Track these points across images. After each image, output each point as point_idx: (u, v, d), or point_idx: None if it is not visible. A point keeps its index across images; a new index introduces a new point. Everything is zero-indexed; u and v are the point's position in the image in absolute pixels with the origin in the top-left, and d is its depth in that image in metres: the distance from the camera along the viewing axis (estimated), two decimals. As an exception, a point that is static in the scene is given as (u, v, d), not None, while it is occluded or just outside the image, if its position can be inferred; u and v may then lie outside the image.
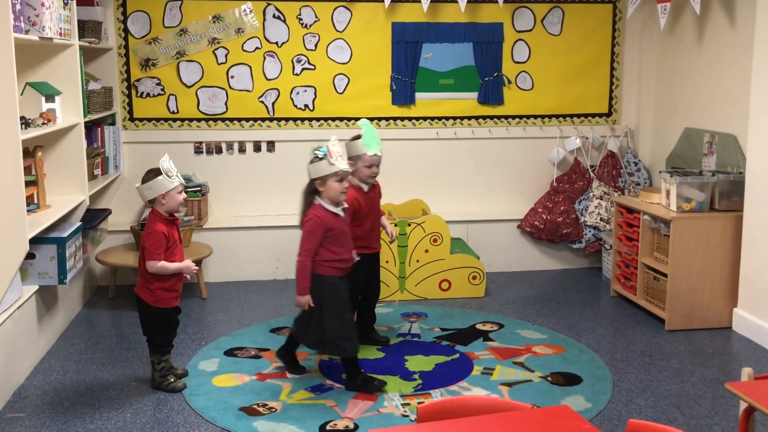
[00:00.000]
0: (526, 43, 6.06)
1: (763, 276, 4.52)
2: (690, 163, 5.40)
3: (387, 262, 5.34)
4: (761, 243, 4.53)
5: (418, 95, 6.00)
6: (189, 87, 5.79)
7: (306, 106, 5.92)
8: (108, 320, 5.04)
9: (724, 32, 5.14)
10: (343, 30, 5.87)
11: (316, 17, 5.82)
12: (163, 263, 3.78)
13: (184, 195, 3.87)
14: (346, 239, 3.89)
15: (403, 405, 3.76)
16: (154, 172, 3.80)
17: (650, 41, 6.06)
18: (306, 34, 5.84)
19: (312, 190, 3.85)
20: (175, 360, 4.17)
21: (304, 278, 3.79)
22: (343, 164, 3.78)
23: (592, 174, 6.10)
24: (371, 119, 5.96)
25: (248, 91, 5.84)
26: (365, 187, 4.27)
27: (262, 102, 5.87)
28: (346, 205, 3.92)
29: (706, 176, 4.87)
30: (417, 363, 4.27)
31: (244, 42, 5.79)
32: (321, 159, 3.77)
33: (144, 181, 3.81)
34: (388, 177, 6.04)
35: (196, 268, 3.93)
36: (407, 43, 5.90)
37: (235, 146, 5.91)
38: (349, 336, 3.84)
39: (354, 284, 4.05)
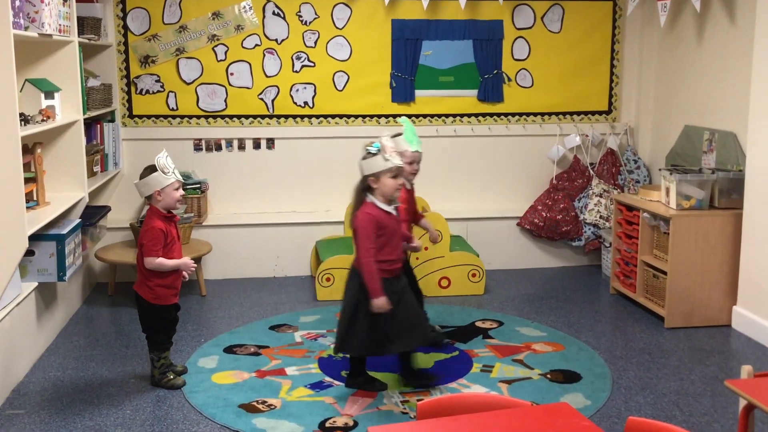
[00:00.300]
0: (526, 41, 6.05)
1: (763, 274, 4.52)
2: (690, 161, 5.40)
3: (386, 259, 5.34)
4: (761, 241, 4.53)
5: (418, 92, 6.00)
6: (188, 84, 5.79)
7: (306, 103, 5.91)
8: (107, 317, 5.03)
9: (724, 30, 5.13)
10: (343, 27, 5.86)
11: (316, 14, 5.82)
12: (161, 260, 3.77)
13: (181, 192, 3.84)
14: (396, 240, 3.75)
15: (403, 402, 3.76)
16: (150, 169, 3.79)
17: (650, 39, 6.05)
18: (306, 31, 5.83)
19: (364, 188, 3.72)
20: (174, 357, 4.17)
21: (375, 279, 3.61)
22: (397, 160, 3.66)
23: (591, 172, 6.10)
24: (370, 116, 5.98)
25: (248, 88, 5.84)
26: (407, 185, 4.19)
27: (262, 99, 5.86)
28: (399, 204, 3.81)
29: (706, 174, 4.87)
30: (416, 360, 4.26)
31: (244, 39, 5.78)
32: (375, 155, 3.64)
33: (141, 177, 3.81)
34: (388, 174, 6.05)
35: (195, 265, 3.92)
36: (407, 40, 5.90)
37: (235, 143, 5.90)
38: (363, 338, 3.68)
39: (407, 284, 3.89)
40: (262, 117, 5.89)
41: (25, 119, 3.93)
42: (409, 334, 3.74)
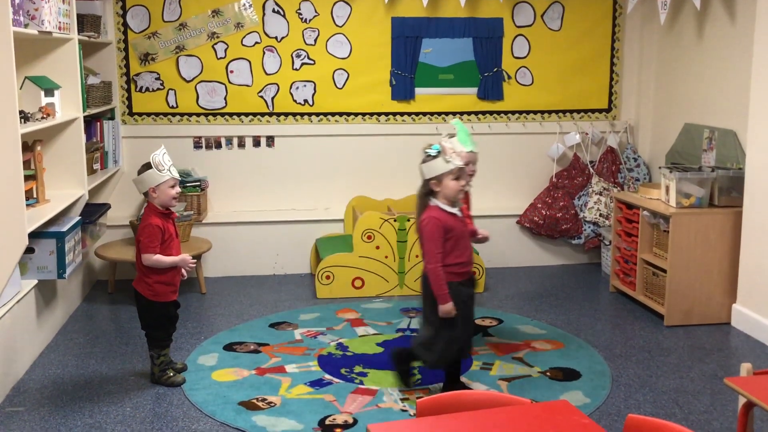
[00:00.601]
0: (526, 39, 6.05)
1: (763, 272, 4.53)
2: (689, 159, 5.40)
3: (386, 257, 5.35)
4: (760, 239, 4.53)
5: (418, 90, 6.00)
6: (188, 82, 5.78)
7: (305, 101, 5.91)
8: (107, 315, 5.04)
9: (724, 28, 5.13)
10: (343, 25, 5.86)
11: (316, 12, 5.82)
12: (158, 257, 3.77)
13: (177, 189, 3.82)
14: (465, 241, 3.65)
15: (402, 400, 3.76)
16: (146, 166, 3.79)
17: (650, 37, 6.05)
18: (305, 29, 5.83)
19: (427, 192, 3.62)
20: (174, 354, 4.17)
21: (442, 285, 3.54)
22: (458, 161, 3.56)
23: (591, 170, 6.10)
24: (370, 114, 5.98)
25: (248, 85, 5.84)
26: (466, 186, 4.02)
27: (262, 97, 5.86)
28: (463, 205, 3.74)
29: (706, 172, 4.87)
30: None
31: (244, 37, 5.78)
32: (435, 157, 3.55)
33: (138, 173, 3.82)
34: (388, 172, 6.06)
35: (193, 262, 3.92)
36: (407, 38, 5.89)
37: (235, 141, 5.90)
38: (442, 351, 3.60)
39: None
40: (262, 115, 5.89)
41: (24, 117, 3.93)
42: (469, 340, 3.74)
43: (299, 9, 5.80)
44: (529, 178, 6.20)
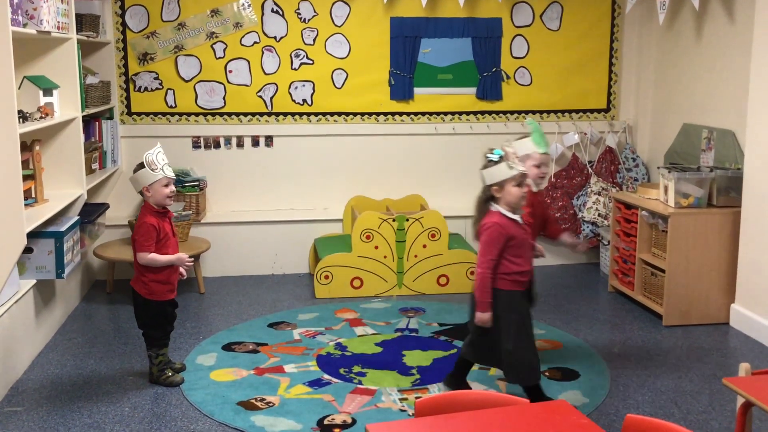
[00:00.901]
0: (525, 39, 6.05)
1: (761, 272, 4.53)
2: (688, 159, 5.41)
3: (385, 257, 5.35)
4: (759, 239, 4.53)
5: (417, 90, 6.00)
6: (187, 81, 5.78)
7: (304, 100, 5.91)
8: (106, 314, 5.03)
9: (723, 28, 5.14)
10: (342, 25, 5.86)
11: (315, 12, 5.81)
12: (153, 255, 3.77)
13: (171, 188, 3.81)
14: (526, 249, 3.57)
15: (401, 400, 3.76)
16: (140, 165, 3.79)
17: (649, 37, 6.06)
18: (304, 29, 5.83)
19: (487, 198, 3.52)
20: (172, 354, 4.17)
21: (486, 293, 3.45)
22: (521, 166, 3.46)
23: (590, 169, 6.10)
24: (369, 114, 5.98)
25: (246, 85, 5.83)
26: (534, 187, 3.96)
27: (261, 97, 5.86)
28: (524, 212, 3.62)
29: (704, 172, 4.88)
30: (415, 358, 4.27)
31: (243, 36, 5.78)
32: (497, 162, 3.45)
33: (133, 172, 3.82)
34: (386, 172, 6.06)
35: (190, 261, 3.91)
36: (406, 38, 5.89)
37: (233, 141, 5.90)
38: (530, 362, 3.50)
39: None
40: (261, 114, 5.88)
41: (23, 116, 3.92)
42: (488, 354, 3.61)
43: (298, 9, 5.79)
44: (527, 178, 6.20)
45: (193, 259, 4.01)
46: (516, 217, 3.50)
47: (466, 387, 3.76)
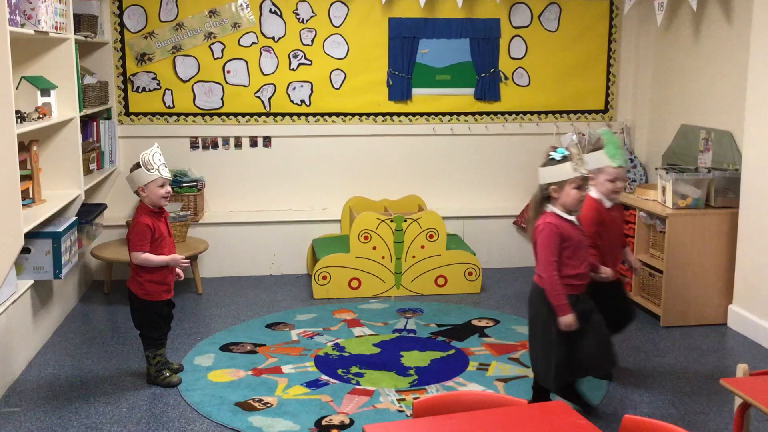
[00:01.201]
0: (523, 39, 6.05)
1: (758, 273, 4.53)
2: (686, 160, 5.41)
3: (383, 257, 5.35)
4: (756, 240, 4.54)
5: (415, 91, 6.00)
6: (185, 82, 5.78)
7: (302, 101, 5.90)
8: (103, 315, 5.03)
9: (720, 29, 5.14)
10: (340, 25, 5.85)
11: (313, 12, 5.81)
12: (146, 255, 3.77)
13: (167, 189, 3.80)
14: (583, 252, 3.44)
15: (399, 400, 3.76)
16: (136, 164, 3.79)
17: (647, 38, 6.06)
18: (302, 29, 5.82)
19: (544, 197, 3.43)
20: (170, 355, 4.17)
21: (559, 295, 3.35)
22: (584, 168, 3.36)
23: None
24: (367, 115, 5.97)
25: (244, 86, 5.83)
26: (607, 203, 3.82)
27: (259, 97, 5.86)
28: (579, 213, 3.50)
29: (702, 173, 4.88)
30: (413, 358, 4.27)
31: (241, 37, 5.77)
32: (559, 162, 3.35)
33: (129, 172, 3.82)
34: (385, 173, 6.06)
35: (185, 261, 3.90)
36: (404, 38, 5.89)
37: (231, 141, 5.90)
38: (563, 370, 3.40)
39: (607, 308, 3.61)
40: (259, 115, 5.88)
41: (21, 117, 3.92)
42: (601, 358, 3.48)
43: (296, 9, 5.79)
44: (525, 179, 6.20)
45: (188, 260, 4.00)
46: (571, 218, 3.41)
47: (580, 397, 3.62)
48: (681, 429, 2.02)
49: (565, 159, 3.33)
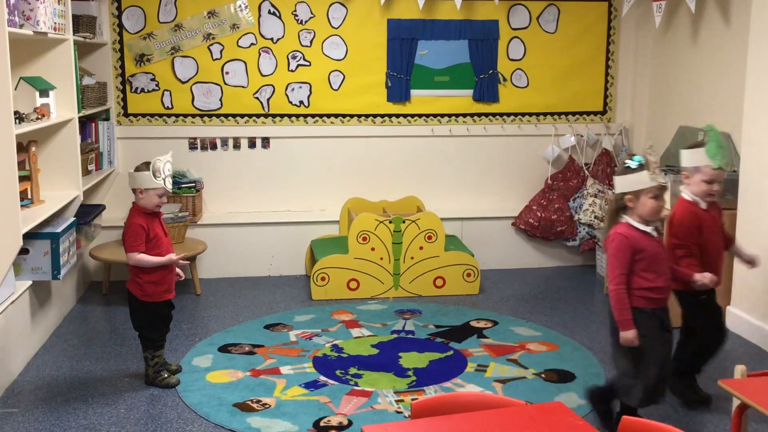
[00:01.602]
0: (522, 41, 6.06)
1: (757, 274, 4.53)
2: (684, 162, 5.41)
3: (381, 259, 5.35)
4: (755, 241, 4.54)
5: (414, 92, 6.00)
6: (184, 83, 5.78)
7: (301, 102, 5.91)
8: (102, 316, 5.03)
9: (719, 30, 5.15)
10: (339, 26, 5.86)
11: (312, 13, 5.81)
12: (141, 256, 3.77)
13: (164, 200, 3.82)
14: (661, 264, 3.30)
15: (397, 401, 3.76)
16: (146, 165, 3.80)
17: (645, 39, 6.07)
18: (301, 31, 5.83)
19: (619, 207, 3.31)
20: (168, 356, 4.17)
21: (624, 310, 3.25)
22: (662, 177, 3.24)
23: (586, 172, 6.11)
24: (365, 116, 5.97)
25: (243, 87, 5.83)
26: (702, 204, 3.60)
27: (257, 98, 5.86)
28: (658, 224, 3.37)
29: (701, 174, 4.88)
30: (411, 360, 4.27)
31: (239, 38, 5.77)
32: (635, 170, 3.24)
33: (135, 169, 3.82)
34: (383, 174, 6.06)
35: (182, 261, 3.89)
36: (403, 39, 5.90)
37: (230, 142, 5.90)
38: (632, 385, 3.29)
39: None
40: (258, 116, 5.88)
41: (19, 117, 3.92)
42: (650, 390, 3.34)
43: (295, 10, 5.79)
44: (524, 180, 6.21)
45: (187, 260, 3.98)
46: (648, 229, 3.27)
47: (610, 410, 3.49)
48: (679, 430, 2.02)
49: (641, 167, 3.22)
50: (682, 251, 3.56)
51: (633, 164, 3.25)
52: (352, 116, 5.97)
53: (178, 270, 3.92)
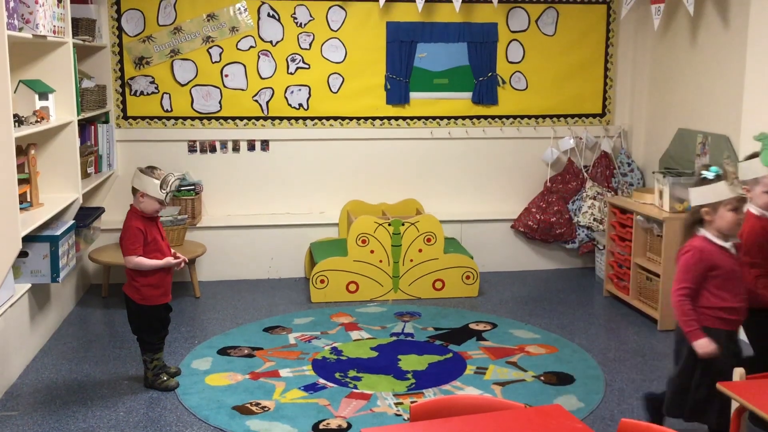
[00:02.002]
0: (521, 44, 6.06)
1: (756, 276, 4.53)
2: (683, 164, 5.42)
3: (381, 261, 5.35)
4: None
5: (413, 95, 6.00)
6: (183, 85, 5.78)
7: (300, 105, 5.91)
8: (101, 319, 5.03)
9: (717, 33, 5.15)
10: (338, 29, 5.86)
11: (311, 16, 5.82)
12: (139, 259, 3.77)
13: (161, 209, 3.86)
14: (736, 283, 3.13)
15: (396, 404, 3.76)
16: (151, 170, 3.81)
17: (644, 42, 6.07)
18: (300, 33, 5.83)
19: (695, 220, 3.17)
20: (167, 359, 4.17)
21: (688, 321, 3.12)
22: (740, 188, 3.12)
23: (585, 174, 6.11)
24: (365, 119, 5.98)
25: (242, 90, 5.83)
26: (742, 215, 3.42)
27: (257, 101, 5.86)
28: (738, 240, 3.20)
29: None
30: (410, 362, 4.27)
31: (239, 41, 5.78)
32: (712, 181, 3.09)
33: (144, 170, 3.82)
34: (382, 176, 6.07)
35: (182, 264, 3.89)
36: (402, 42, 5.90)
37: (229, 145, 5.90)
38: (720, 406, 3.06)
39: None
40: (257, 119, 5.89)
41: (19, 120, 3.92)
42: (699, 411, 3.22)
43: (294, 13, 5.80)
44: (523, 183, 6.21)
45: (185, 261, 3.97)
46: (726, 244, 3.11)
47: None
48: (677, 433, 2.02)
49: (718, 178, 3.09)
50: (758, 270, 3.40)
51: (710, 175, 3.11)
52: (351, 119, 5.98)
53: (179, 259, 3.88)
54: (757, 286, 3.38)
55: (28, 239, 4.01)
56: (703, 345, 3.10)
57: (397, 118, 6.02)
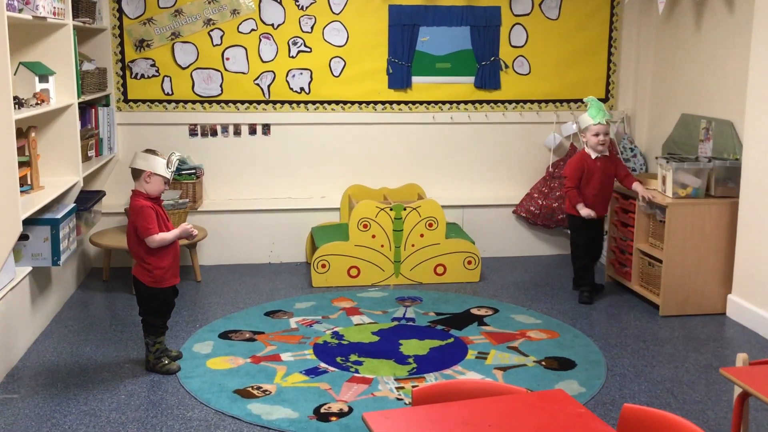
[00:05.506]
0: (524, 28, 6.03)
1: (758, 262, 4.53)
2: (686, 150, 5.40)
3: (382, 246, 5.34)
4: (756, 229, 4.53)
5: (415, 79, 5.97)
6: (184, 68, 5.75)
7: (302, 89, 5.88)
8: (102, 302, 5.03)
9: (722, 18, 5.12)
10: (340, 12, 5.82)
11: (313, -1, 5.79)
12: (161, 235, 3.78)
13: (166, 187, 3.87)
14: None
15: (398, 388, 3.76)
16: (152, 152, 3.82)
17: (648, 26, 6.03)
18: (302, 17, 5.79)
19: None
20: (169, 342, 4.17)
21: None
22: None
23: (588, 159, 6.08)
24: (366, 103, 5.96)
25: (243, 73, 5.81)
26: (593, 155, 4.91)
27: (258, 84, 5.83)
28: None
29: (703, 162, 4.87)
30: (412, 347, 4.27)
31: (240, 23, 5.74)
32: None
33: (149, 151, 3.83)
34: (384, 161, 6.05)
35: (195, 231, 3.91)
36: (404, 26, 5.86)
37: (230, 129, 5.88)
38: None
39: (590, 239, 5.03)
40: (258, 102, 5.86)
41: (19, 103, 3.90)
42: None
43: (296, -4, 5.76)
44: (525, 168, 6.19)
45: (194, 229, 3.96)
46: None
47: None
48: (680, 418, 2.02)
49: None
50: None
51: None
52: (353, 103, 5.95)
53: (190, 231, 3.88)
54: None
55: (28, 222, 4.01)
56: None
57: (399, 103, 5.99)
